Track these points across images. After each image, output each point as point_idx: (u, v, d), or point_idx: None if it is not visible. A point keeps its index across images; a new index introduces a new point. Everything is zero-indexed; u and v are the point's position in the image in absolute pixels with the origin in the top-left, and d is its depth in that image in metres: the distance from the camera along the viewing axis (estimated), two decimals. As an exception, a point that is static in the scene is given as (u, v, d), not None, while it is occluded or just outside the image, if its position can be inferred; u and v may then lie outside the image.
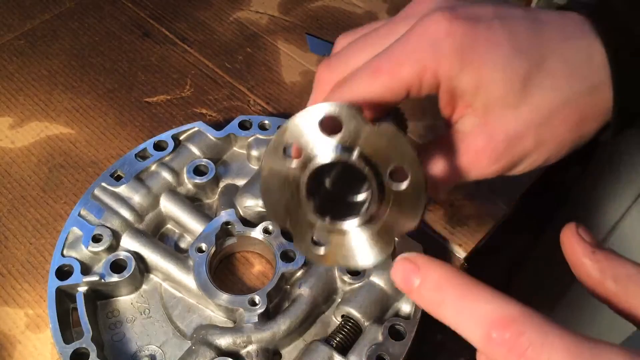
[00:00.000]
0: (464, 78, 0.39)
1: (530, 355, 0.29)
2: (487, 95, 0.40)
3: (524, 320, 0.29)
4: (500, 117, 0.40)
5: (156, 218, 0.59)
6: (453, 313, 0.31)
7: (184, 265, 0.55)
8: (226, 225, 0.57)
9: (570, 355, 0.28)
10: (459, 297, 0.31)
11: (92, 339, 0.49)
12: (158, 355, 0.52)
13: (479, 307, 0.30)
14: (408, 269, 0.33)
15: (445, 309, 0.32)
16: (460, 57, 0.39)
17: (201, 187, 0.60)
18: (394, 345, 0.49)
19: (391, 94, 0.40)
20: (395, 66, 0.39)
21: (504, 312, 0.30)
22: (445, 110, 0.43)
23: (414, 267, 0.33)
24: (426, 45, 0.39)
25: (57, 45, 0.79)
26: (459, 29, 0.39)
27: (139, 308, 0.55)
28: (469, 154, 0.42)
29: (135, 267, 0.54)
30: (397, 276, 0.34)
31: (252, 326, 0.51)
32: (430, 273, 0.32)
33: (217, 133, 0.63)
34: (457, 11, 0.40)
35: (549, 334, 0.29)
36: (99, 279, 0.53)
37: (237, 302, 0.52)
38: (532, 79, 0.39)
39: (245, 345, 0.50)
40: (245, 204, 0.58)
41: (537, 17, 0.41)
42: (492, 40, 0.39)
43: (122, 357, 0.52)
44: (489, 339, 0.30)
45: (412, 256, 0.34)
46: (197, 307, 0.55)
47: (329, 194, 0.43)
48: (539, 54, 0.40)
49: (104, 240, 0.55)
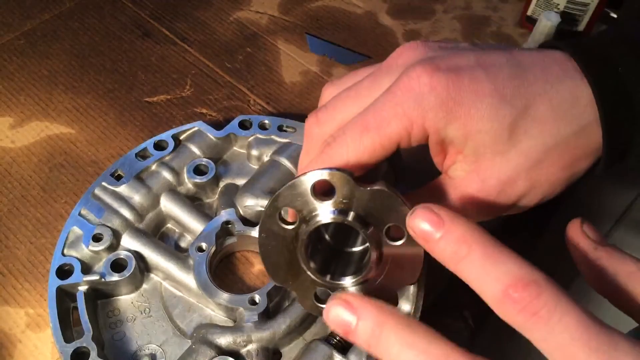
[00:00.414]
0: (451, 130, 0.40)
1: (543, 315, 0.29)
2: (476, 144, 0.40)
3: (544, 284, 0.30)
4: (491, 163, 0.41)
5: (156, 217, 0.59)
6: (475, 267, 0.32)
7: (184, 265, 0.55)
8: (226, 224, 0.57)
9: (578, 323, 0.29)
10: (483, 253, 0.32)
11: (92, 338, 0.49)
12: (158, 354, 0.52)
13: (503, 265, 0.31)
14: (431, 221, 0.33)
15: (468, 263, 0.32)
16: (445, 110, 0.39)
17: (201, 187, 0.60)
18: None
19: (381, 149, 0.40)
20: (383, 123, 0.40)
21: (527, 273, 0.30)
22: (437, 158, 0.43)
23: (437, 219, 0.33)
24: (410, 101, 0.39)
25: (57, 45, 0.79)
26: (442, 82, 0.39)
27: (139, 307, 0.55)
28: (462, 200, 0.42)
29: (135, 266, 0.54)
30: (415, 225, 0.33)
31: (252, 325, 0.51)
32: (455, 227, 0.33)
33: (217, 133, 0.63)
34: (439, 63, 0.40)
35: (564, 301, 0.30)
36: (99, 278, 0.53)
37: (237, 302, 0.52)
38: (519, 126, 0.40)
39: (245, 344, 0.51)
40: (246, 204, 0.58)
41: (520, 62, 0.41)
42: (476, 91, 0.39)
43: (122, 356, 0.52)
44: (506, 295, 0.30)
45: (436, 208, 0.33)
46: (197, 306, 0.55)
47: (329, 247, 0.44)
48: (524, 100, 0.40)
49: (104, 239, 0.55)
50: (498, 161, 0.41)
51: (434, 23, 0.83)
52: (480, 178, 0.41)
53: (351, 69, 0.77)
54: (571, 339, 0.29)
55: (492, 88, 0.39)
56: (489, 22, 0.83)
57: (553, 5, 0.76)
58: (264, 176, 0.60)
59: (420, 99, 0.39)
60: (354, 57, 0.79)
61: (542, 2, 0.77)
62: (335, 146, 0.41)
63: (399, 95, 0.40)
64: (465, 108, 0.39)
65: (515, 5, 0.85)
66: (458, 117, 0.39)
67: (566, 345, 0.29)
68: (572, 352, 0.29)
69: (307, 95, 0.75)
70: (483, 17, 0.84)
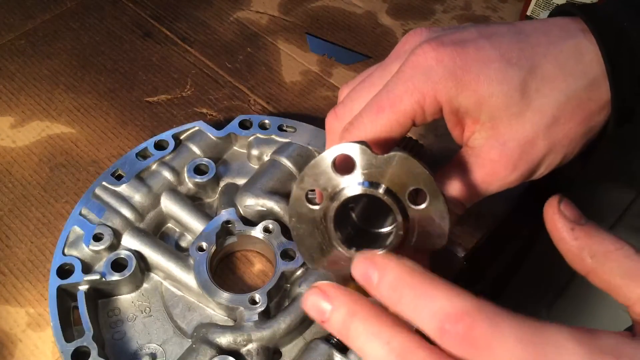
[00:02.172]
0: (463, 98, 0.41)
1: (482, 344, 0.30)
2: (490, 108, 0.41)
3: (476, 313, 0.31)
4: (509, 126, 0.42)
5: (157, 217, 0.59)
6: (410, 309, 0.33)
7: (185, 264, 0.55)
8: (227, 224, 0.57)
9: (520, 341, 0.30)
10: (414, 296, 0.33)
11: (93, 338, 0.50)
12: (159, 354, 0.52)
13: (433, 303, 0.32)
14: (366, 269, 0.34)
15: (403, 307, 0.33)
16: (454, 79, 0.40)
17: (202, 187, 0.60)
18: None
19: (397, 126, 0.41)
20: (395, 100, 0.41)
21: (457, 306, 0.31)
22: (455, 131, 0.44)
23: (372, 265, 0.34)
24: (420, 75, 0.40)
25: (58, 45, 0.79)
26: (448, 54, 0.40)
27: (140, 307, 0.55)
28: (485, 167, 0.43)
29: (136, 265, 0.54)
30: (358, 275, 0.35)
31: (252, 325, 0.51)
32: (386, 273, 0.34)
33: (218, 132, 0.63)
34: (443, 39, 0.41)
35: (500, 323, 0.30)
36: (100, 277, 0.53)
37: (238, 301, 0.52)
38: (529, 85, 0.41)
39: (245, 343, 0.51)
40: (246, 203, 0.58)
41: (521, 29, 0.42)
42: (482, 58, 0.40)
43: (123, 355, 0.52)
44: (443, 331, 0.31)
45: (370, 255, 0.35)
46: (197, 306, 0.55)
47: (357, 228, 0.44)
48: (530, 61, 0.41)
49: (105, 239, 0.55)
50: (515, 123, 0.41)
51: (433, 23, 0.83)
52: (500, 142, 0.42)
53: (351, 69, 0.77)
54: (517, 359, 0.30)
55: (497, 54, 0.40)
56: (489, 22, 0.83)
57: (552, 5, 0.76)
58: (264, 176, 0.60)
59: (429, 72, 0.40)
60: (354, 57, 0.79)
61: (541, 2, 0.77)
62: (353, 129, 0.42)
63: (408, 72, 0.41)
64: (474, 75, 0.40)
65: (515, 5, 0.85)
66: (468, 85, 0.40)
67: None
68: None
69: (308, 95, 0.75)
70: (483, 17, 0.84)
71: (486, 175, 0.43)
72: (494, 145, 0.42)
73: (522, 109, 0.41)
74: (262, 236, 0.56)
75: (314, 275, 0.54)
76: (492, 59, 0.40)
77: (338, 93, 0.50)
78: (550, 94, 0.41)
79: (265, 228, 0.57)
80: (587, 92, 0.41)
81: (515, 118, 0.41)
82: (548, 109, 0.41)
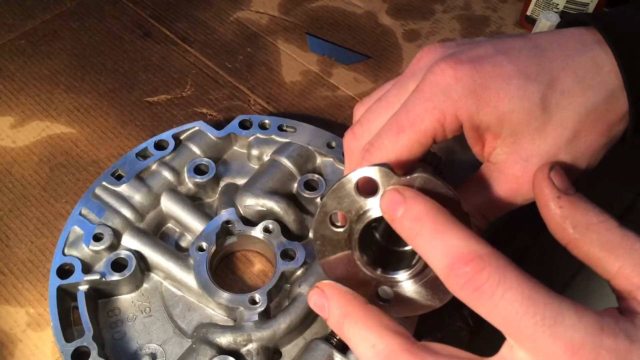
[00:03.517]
0: (484, 115, 0.41)
1: (486, 290, 0.31)
2: (512, 124, 0.41)
3: (488, 259, 0.31)
4: (531, 141, 0.41)
5: (157, 217, 0.59)
6: (425, 244, 0.34)
7: (185, 264, 0.55)
8: (227, 224, 0.57)
9: (523, 297, 0.30)
10: (434, 230, 0.34)
11: (93, 338, 0.50)
12: (159, 354, 0.52)
13: (449, 241, 0.33)
14: (395, 200, 0.36)
15: (420, 239, 0.34)
16: (474, 97, 0.40)
17: (202, 186, 0.60)
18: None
19: (418, 146, 0.41)
20: (416, 120, 0.41)
21: (471, 248, 0.32)
22: (476, 147, 0.44)
23: (401, 198, 0.35)
24: (439, 94, 0.40)
25: (58, 45, 0.79)
26: (466, 72, 0.40)
27: (140, 307, 0.55)
28: (508, 183, 0.43)
29: (136, 265, 0.54)
30: (384, 204, 0.36)
31: (252, 325, 0.51)
32: (413, 205, 0.35)
33: (218, 133, 0.63)
34: (459, 56, 0.41)
35: (509, 276, 0.31)
36: (100, 277, 0.53)
37: (238, 301, 0.52)
38: (549, 100, 0.41)
39: (245, 343, 0.51)
40: (246, 203, 0.58)
41: (537, 43, 0.42)
42: (500, 74, 0.40)
43: (123, 355, 0.52)
44: (451, 269, 0.32)
45: (401, 188, 0.36)
46: (197, 306, 0.55)
47: (381, 247, 0.44)
48: (548, 76, 0.41)
49: (105, 239, 0.55)
50: (537, 137, 0.41)
51: (433, 23, 0.83)
52: (523, 158, 0.42)
53: (351, 69, 0.77)
54: (515, 314, 0.30)
55: (515, 69, 0.40)
56: (489, 22, 0.83)
57: (552, 5, 0.76)
58: (264, 176, 0.60)
59: (448, 91, 0.40)
60: (354, 57, 0.79)
61: (541, 2, 0.78)
62: (374, 151, 0.42)
63: (427, 92, 0.41)
64: (494, 91, 0.40)
65: (515, 5, 0.85)
66: (488, 101, 0.40)
67: (511, 320, 0.30)
68: (517, 326, 0.30)
69: (308, 95, 0.75)
70: (482, 17, 0.84)
71: (510, 190, 0.43)
72: (516, 160, 0.42)
73: (543, 123, 0.41)
74: (262, 236, 0.56)
75: (314, 275, 0.54)
76: (511, 75, 0.40)
77: (353, 112, 0.50)
78: (570, 107, 0.41)
79: (265, 228, 0.57)
80: (607, 103, 0.41)
81: (537, 133, 0.41)
82: (569, 123, 0.41)
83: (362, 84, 0.75)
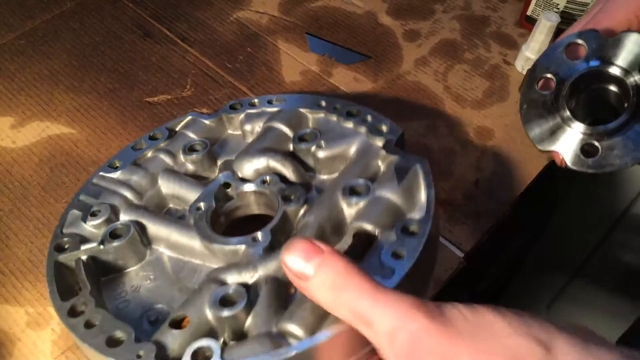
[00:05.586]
0: None
1: None
2: None
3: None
4: None
5: (156, 196, 0.58)
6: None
7: (186, 227, 0.54)
8: (225, 186, 0.56)
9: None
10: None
11: (90, 294, 0.48)
12: (165, 311, 0.50)
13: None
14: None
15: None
16: None
17: (198, 163, 0.59)
18: (408, 242, 0.45)
19: (626, 22, 0.45)
20: (612, 13, 0.45)
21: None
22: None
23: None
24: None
25: (58, 45, 0.79)
26: None
27: (144, 277, 0.54)
28: None
29: (134, 232, 0.53)
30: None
31: (257, 258, 0.49)
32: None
33: (210, 117, 0.63)
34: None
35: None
36: (97, 245, 0.52)
37: (239, 242, 0.51)
38: None
39: (252, 275, 0.48)
40: (242, 166, 0.57)
41: None
42: None
43: (129, 318, 0.50)
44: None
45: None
46: (203, 267, 0.53)
47: (585, 110, 0.48)
48: None
49: (102, 214, 0.54)
50: None
51: (433, 23, 0.83)
52: None
53: (351, 68, 0.77)
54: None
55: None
56: (489, 22, 0.83)
57: (553, 5, 0.76)
58: (259, 140, 0.59)
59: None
60: (354, 56, 0.79)
61: (542, 2, 0.77)
62: (579, 25, 0.46)
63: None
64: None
65: (515, 5, 0.85)
66: None
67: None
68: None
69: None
70: (483, 17, 0.84)
71: None
72: None
73: None
74: (261, 188, 0.55)
75: (318, 205, 0.52)
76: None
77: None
78: None
79: (262, 180, 0.55)
80: None
81: None
82: None
83: (362, 84, 0.75)
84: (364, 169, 0.54)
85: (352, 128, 0.58)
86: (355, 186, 0.51)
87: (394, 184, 0.50)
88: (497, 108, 0.73)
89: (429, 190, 0.49)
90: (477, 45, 0.80)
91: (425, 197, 0.49)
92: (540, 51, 0.73)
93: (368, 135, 0.56)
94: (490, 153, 0.68)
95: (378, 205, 0.50)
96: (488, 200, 0.64)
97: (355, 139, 0.57)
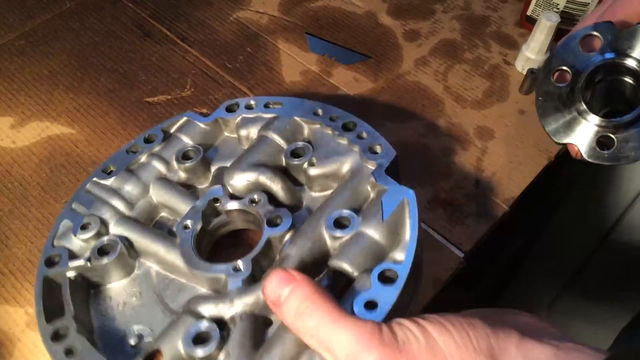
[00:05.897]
0: None
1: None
2: None
3: None
4: None
5: (148, 206, 0.58)
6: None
7: (172, 245, 0.54)
8: (214, 202, 0.56)
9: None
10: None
11: (73, 318, 0.49)
12: (146, 334, 0.51)
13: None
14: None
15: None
16: None
17: (192, 172, 0.59)
18: (383, 291, 0.44)
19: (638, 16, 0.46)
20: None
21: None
22: None
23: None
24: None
25: (58, 45, 0.79)
26: None
27: (131, 293, 0.54)
28: None
29: (121, 248, 0.53)
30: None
31: (234, 291, 0.49)
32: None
33: (206, 119, 0.63)
34: None
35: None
36: (85, 263, 0.52)
37: (221, 270, 0.51)
38: None
39: (229, 308, 0.49)
40: (232, 179, 0.57)
41: None
42: None
43: (110, 339, 0.51)
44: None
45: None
46: (188, 287, 0.54)
47: (601, 102, 0.48)
48: None
49: (92, 227, 0.54)
50: None
51: (433, 23, 0.83)
52: None
53: (351, 68, 0.77)
54: None
55: None
56: (489, 22, 0.83)
57: (553, 5, 0.76)
58: (252, 151, 0.59)
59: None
60: (354, 56, 0.79)
61: (542, 2, 0.77)
62: (592, 17, 0.46)
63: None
64: None
65: (515, 5, 0.85)
66: None
67: None
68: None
69: (307, 95, 0.75)
70: (483, 17, 0.84)
71: None
72: None
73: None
74: (248, 207, 0.55)
75: (301, 236, 0.51)
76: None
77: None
78: None
79: (251, 200, 0.55)
80: None
81: None
82: None
83: (362, 84, 0.75)
84: (354, 194, 0.53)
85: (347, 145, 0.57)
86: (340, 218, 0.51)
87: (379, 219, 0.49)
88: (497, 108, 0.73)
89: (413, 230, 0.47)
90: (477, 45, 0.80)
91: (409, 236, 0.47)
92: (540, 51, 0.73)
93: (361, 156, 0.55)
94: (490, 153, 0.68)
95: (360, 243, 0.50)
96: (488, 200, 0.64)
97: (348, 158, 0.56)
